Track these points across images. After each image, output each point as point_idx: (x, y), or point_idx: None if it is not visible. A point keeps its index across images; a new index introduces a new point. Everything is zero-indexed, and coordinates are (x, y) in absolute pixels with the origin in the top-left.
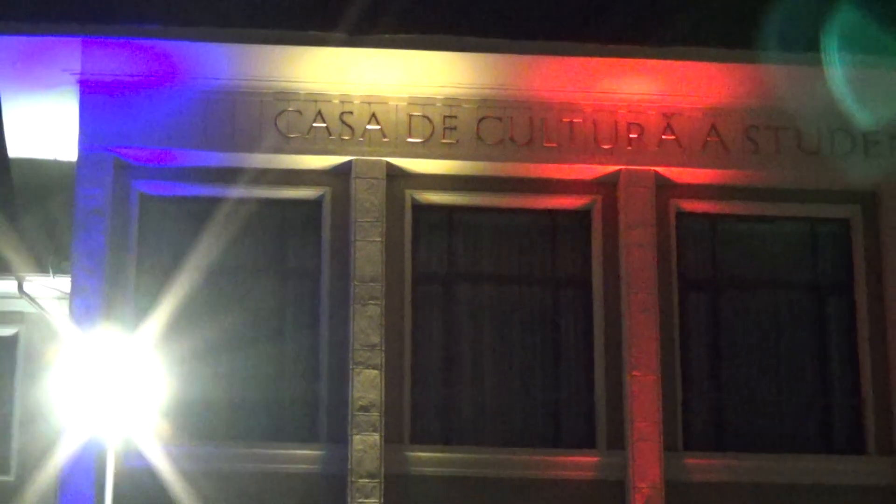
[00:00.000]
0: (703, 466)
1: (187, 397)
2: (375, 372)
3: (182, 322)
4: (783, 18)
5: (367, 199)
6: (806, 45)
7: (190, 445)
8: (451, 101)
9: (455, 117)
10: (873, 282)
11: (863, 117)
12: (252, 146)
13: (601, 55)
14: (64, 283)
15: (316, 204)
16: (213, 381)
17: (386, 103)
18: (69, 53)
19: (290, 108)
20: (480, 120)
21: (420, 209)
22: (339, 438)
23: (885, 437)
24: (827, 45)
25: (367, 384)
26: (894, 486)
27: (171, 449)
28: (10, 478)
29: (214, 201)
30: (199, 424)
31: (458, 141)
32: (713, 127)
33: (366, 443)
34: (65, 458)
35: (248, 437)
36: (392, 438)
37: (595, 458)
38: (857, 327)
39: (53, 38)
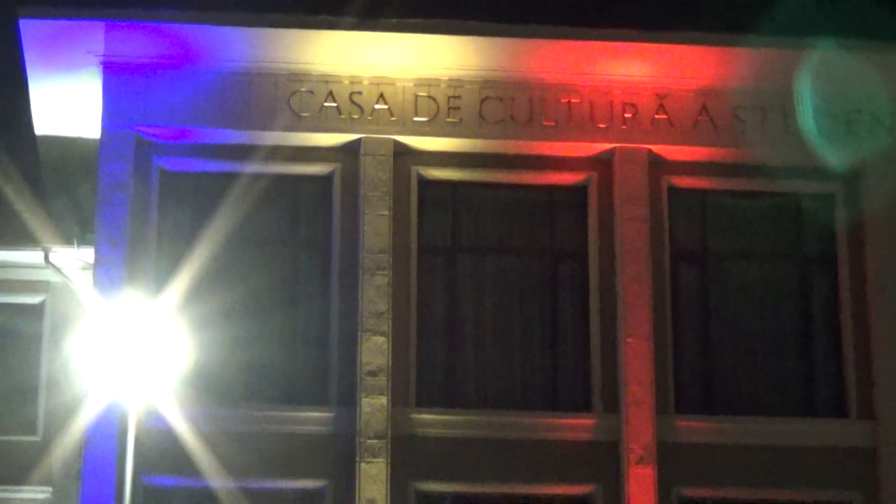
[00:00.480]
0: (694, 429)
1: (205, 362)
2: (383, 338)
3: (200, 290)
4: (771, 3)
5: (376, 174)
6: (791, 29)
7: (207, 407)
8: (455, 83)
9: (459, 97)
10: (855, 254)
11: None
12: (266, 124)
13: (597, 39)
14: (88, 253)
15: (327, 179)
16: (229, 346)
17: (393, 84)
18: (93, 37)
19: (303, 89)
20: (483, 100)
21: (425, 184)
22: (348, 401)
23: (866, 402)
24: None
25: (374, 350)
26: (873, 447)
27: (190, 411)
28: (38, 438)
29: (231, 176)
30: (216, 388)
31: (461, 120)
32: (703, 107)
33: (373, 405)
34: (89, 419)
35: (262, 399)
36: (398, 401)
37: (591, 421)
38: (840, 297)
39: (78, 22)
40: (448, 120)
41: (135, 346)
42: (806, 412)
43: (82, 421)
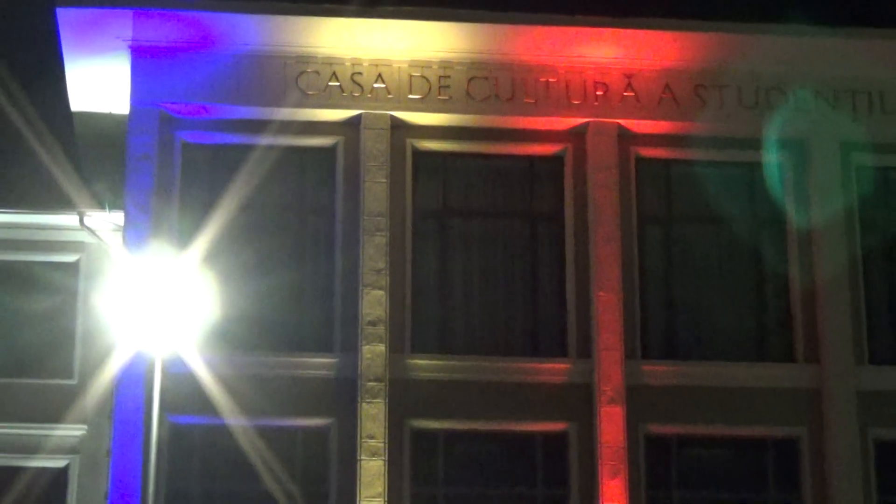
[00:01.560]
0: (658, 372)
1: (223, 313)
2: (381, 292)
3: (218, 250)
4: None
5: (374, 146)
6: (746, 14)
7: (225, 354)
8: (445, 64)
9: (449, 77)
10: (802, 215)
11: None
12: (276, 101)
13: (572, 25)
14: (118, 217)
15: (331, 151)
16: (245, 299)
17: (390, 65)
18: (122, 23)
19: (309, 70)
20: (470, 80)
21: (419, 155)
22: (350, 348)
23: (812, 348)
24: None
25: (374, 302)
26: (818, 389)
27: (209, 357)
28: (74, 381)
29: (245, 148)
30: (232, 336)
31: (451, 97)
32: (667, 85)
33: (373, 352)
34: (120, 364)
35: (274, 346)
36: (395, 348)
37: (566, 365)
38: (788, 253)
39: (109, 10)
40: (439, 97)
41: (160, 299)
42: (758, 357)
43: (114, 366)
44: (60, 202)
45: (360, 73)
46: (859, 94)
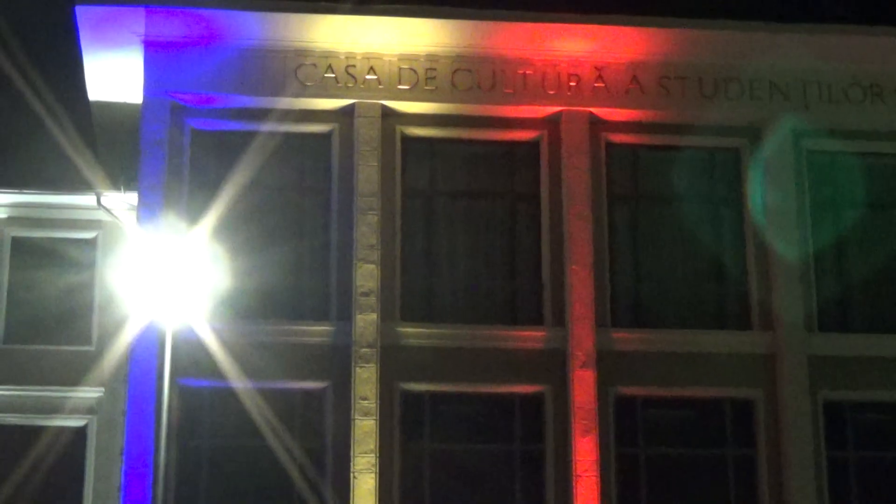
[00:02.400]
0: (625, 339)
1: (229, 285)
2: (373, 266)
3: (224, 227)
4: None
5: (367, 132)
6: (706, 12)
7: (230, 322)
8: (431, 57)
9: (435, 69)
10: (757, 195)
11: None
12: (277, 92)
13: (547, 21)
14: (132, 197)
15: (327, 137)
16: (248, 272)
17: (381, 59)
18: (135, 20)
19: (307, 63)
20: (454, 72)
21: (408, 140)
22: (345, 317)
23: (766, 317)
24: None
25: (366, 275)
26: (772, 354)
27: (216, 325)
28: (92, 348)
29: (249, 134)
30: (237, 306)
31: (437, 88)
32: (634, 77)
33: (366, 321)
34: (134, 333)
35: (275, 315)
36: (386, 317)
37: (542, 333)
38: (745, 231)
39: (123, 8)
40: (426, 88)
41: (171, 272)
42: (717, 325)
43: (129, 334)
44: (79, 184)
45: (353, 66)
46: (809, 84)
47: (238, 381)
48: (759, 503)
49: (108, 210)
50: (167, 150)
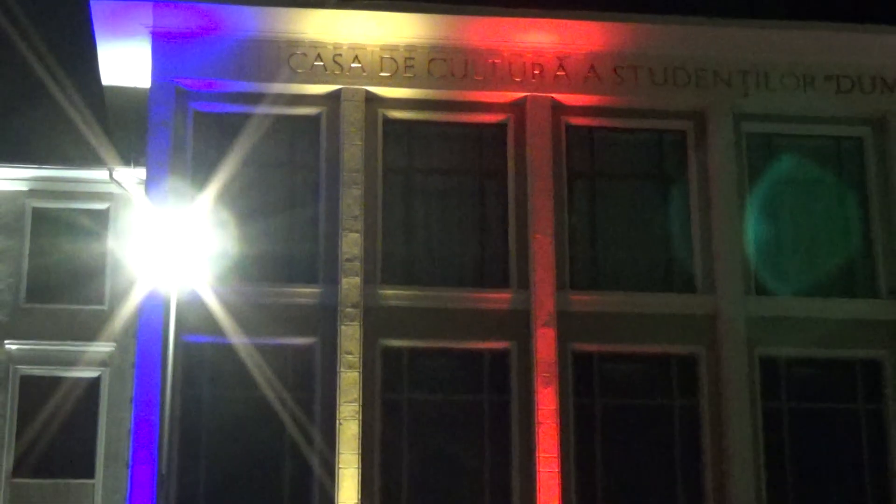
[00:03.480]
0: (583, 300)
1: (227, 251)
2: (357, 234)
3: (223, 199)
4: None
5: (352, 115)
6: (657, 7)
7: (229, 285)
8: (410, 48)
9: (413, 58)
10: (701, 171)
11: None
12: (272, 78)
13: (514, 16)
14: (141, 172)
15: (316, 119)
16: (245, 240)
17: (365, 49)
18: (144, 13)
19: (298, 52)
20: (430, 61)
21: (388, 122)
22: (332, 280)
23: (709, 280)
24: None
25: (351, 243)
26: (713, 314)
27: (216, 287)
28: (105, 307)
29: (246, 116)
30: (235, 270)
31: (414, 75)
32: (592, 66)
33: (350, 284)
34: (142, 293)
35: (268, 279)
36: (369, 280)
37: (508, 295)
38: (690, 205)
39: (133, 2)
40: (405, 75)
41: (175, 240)
42: (665, 289)
43: (137, 294)
44: (93, 160)
45: (340, 55)
46: (748, 74)
47: (236, 338)
48: (702, 448)
49: (119, 184)
50: (172, 130)
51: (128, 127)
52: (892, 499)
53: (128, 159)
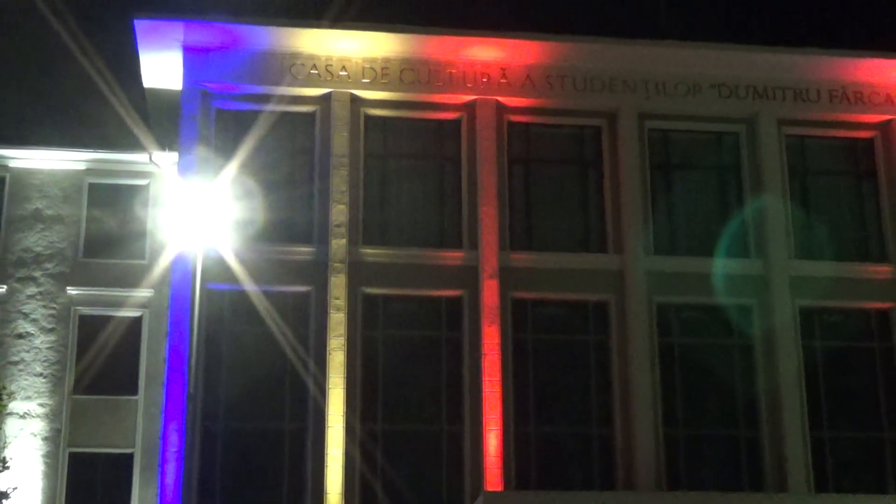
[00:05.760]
0: (522, 259)
1: (241, 219)
2: (343, 206)
3: (239, 177)
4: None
5: (340, 112)
6: (580, 29)
7: (243, 244)
8: (386, 60)
9: (388, 68)
10: (613, 161)
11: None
12: (277, 82)
13: (467, 35)
14: (174, 156)
15: (312, 115)
16: (255, 209)
17: (350, 60)
18: (177, 30)
19: (298, 62)
20: (402, 70)
21: (368, 118)
22: (324, 241)
23: (618, 243)
24: None
25: (338, 212)
26: (621, 270)
27: (233, 247)
28: (145, 261)
29: (257, 113)
30: (247, 232)
31: (389, 81)
32: (528, 75)
33: (338, 244)
34: (175, 251)
35: (273, 239)
36: (353, 241)
37: (461, 254)
38: (605, 181)
39: (168, 21)
40: (382, 81)
41: (201, 208)
42: (584, 249)
43: (171, 251)
44: (137, 146)
45: (331, 65)
46: (650, 82)
47: (248, 286)
48: (611, 374)
49: (157, 165)
50: (199, 123)
51: (164, 120)
52: (782, 411)
53: (164, 145)
